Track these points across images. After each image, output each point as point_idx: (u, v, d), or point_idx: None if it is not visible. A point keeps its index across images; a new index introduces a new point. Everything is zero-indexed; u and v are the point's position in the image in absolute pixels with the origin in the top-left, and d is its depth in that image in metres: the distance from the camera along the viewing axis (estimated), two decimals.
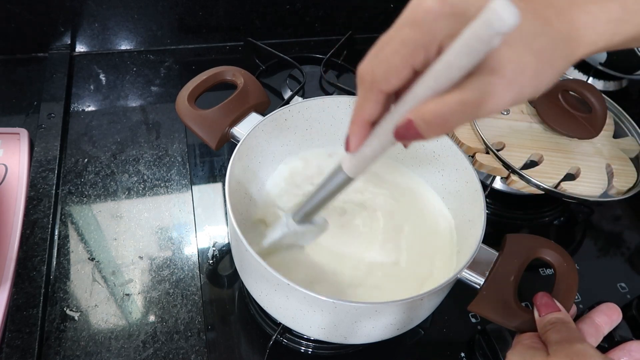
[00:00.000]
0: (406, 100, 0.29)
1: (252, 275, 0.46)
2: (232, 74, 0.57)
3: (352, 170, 0.37)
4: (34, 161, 0.62)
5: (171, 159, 0.67)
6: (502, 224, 0.66)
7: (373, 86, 0.29)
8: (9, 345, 0.48)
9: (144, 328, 0.52)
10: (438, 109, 0.27)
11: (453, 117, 0.27)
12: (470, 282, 0.44)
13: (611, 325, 0.40)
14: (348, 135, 0.33)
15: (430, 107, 0.27)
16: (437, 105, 0.27)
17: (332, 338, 0.46)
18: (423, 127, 0.28)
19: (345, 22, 0.86)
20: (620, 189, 0.59)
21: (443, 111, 0.27)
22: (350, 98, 0.56)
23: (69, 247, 0.57)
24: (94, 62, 0.78)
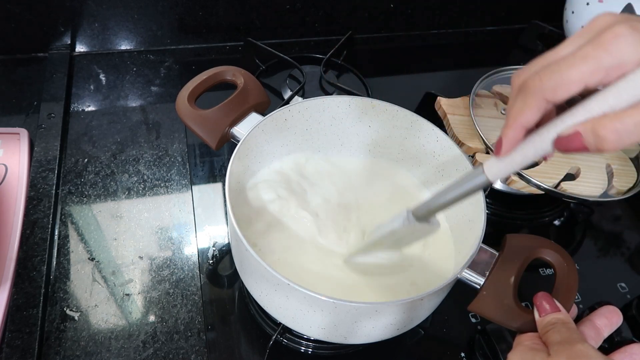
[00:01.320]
0: (575, 113, 0.30)
1: (252, 275, 0.46)
2: (232, 74, 0.57)
3: (494, 174, 0.36)
4: (34, 161, 0.62)
5: (171, 159, 0.67)
6: (502, 224, 0.66)
7: (539, 94, 0.30)
8: (9, 345, 0.48)
9: (144, 328, 0.52)
10: (614, 126, 0.28)
11: (627, 136, 0.28)
12: (470, 282, 0.44)
13: (611, 328, 0.40)
14: (500, 138, 0.33)
15: (604, 122, 0.28)
16: (613, 122, 0.28)
17: (332, 338, 0.46)
18: (591, 140, 0.28)
19: (345, 22, 0.86)
20: (620, 189, 0.59)
21: (618, 128, 0.27)
22: (351, 98, 0.56)
23: (69, 247, 0.57)
24: (94, 62, 0.78)
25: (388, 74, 0.85)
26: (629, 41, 0.27)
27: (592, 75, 0.28)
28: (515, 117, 0.32)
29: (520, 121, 0.32)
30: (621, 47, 0.27)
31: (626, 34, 0.27)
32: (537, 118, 0.32)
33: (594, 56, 0.28)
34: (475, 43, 0.92)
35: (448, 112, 0.64)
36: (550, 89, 0.30)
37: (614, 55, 0.27)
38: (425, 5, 0.88)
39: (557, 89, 0.29)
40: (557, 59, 0.30)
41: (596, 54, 0.28)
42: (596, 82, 0.28)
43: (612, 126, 0.28)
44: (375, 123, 0.58)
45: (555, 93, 0.30)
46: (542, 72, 0.30)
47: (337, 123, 0.58)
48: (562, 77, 0.29)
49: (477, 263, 0.44)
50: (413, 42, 0.91)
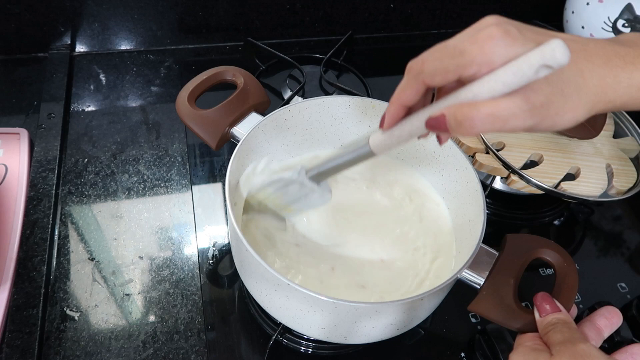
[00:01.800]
0: (448, 99, 0.33)
1: (252, 275, 0.46)
2: (232, 74, 0.57)
3: (377, 147, 0.39)
4: (34, 161, 0.62)
5: (171, 159, 0.67)
6: (502, 224, 0.66)
7: (419, 77, 0.34)
8: (9, 345, 0.48)
9: (144, 328, 0.52)
10: (470, 113, 0.31)
11: (480, 124, 0.31)
12: (470, 282, 0.44)
13: (612, 328, 0.40)
14: (383, 115, 0.37)
15: (464, 109, 0.31)
16: (471, 109, 0.31)
17: (332, 338, 0.46)
18: (452, 123, 0.32)
19: (345, 22, 0.86)
20: (620, 189, 0.59)
21: (473, 116, 0.31)
22: (351, 98, 0.56)
23: (69, 247, 0.57)
24: (94, 62, 0.78)
25: (388, 74, 0.85)
26: (499, 43, 0.30)
27: (465, 69, 0.31)
28: (397, 96, 0.36)
29: (400, 99, 0.36)
30: (492, 47, 0.30)
31: (498, 36, 0.30)
32: (415, 98, 0.35)
33: (469, 52, 0.31)
34: None
35: None
36: (428, 74, 0.33)
37: (485, 54, 0.30)
38: (425, 5, 0.88)
39: (435, 75, 0.33)
40: (442, 49, 0.33)
41: (471, 50, 0.31)
42: (469, 74, 0.31)
43: (469, 113, 0.31)
44: (375, 123, 0.58)
45: (432, 78, 0.33)
46: (425, 58, 0.34)
47: (337, 123, 0.58)
48: (441, 65, 0.33)
49: (477, 263, 0.44)
50: (413, 42, 0.91)
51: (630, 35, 0.37)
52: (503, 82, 0.30)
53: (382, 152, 0.39)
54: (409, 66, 0.35)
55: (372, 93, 0.76)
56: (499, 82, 0.30)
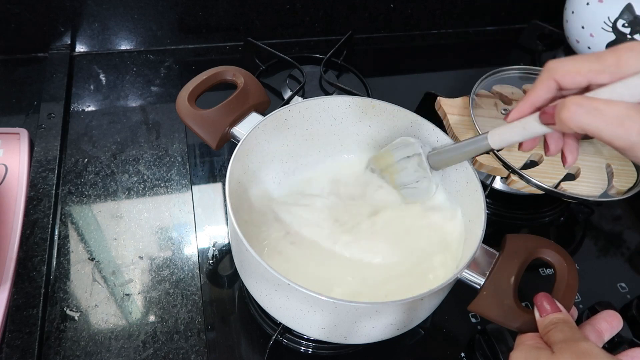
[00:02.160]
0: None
1: (252, 275, 0.46)
2: (232, 74, 0.57)
3: (495, 142, 0.41)
4: (34, 161, 0.62)
5: (171, 159, 0.67)
6: (502, 224, 0.66)
7: (551, 73, 0.35)
8: (9, 345, 0.48)
9: (144, 328, 0.52)
10: (580, 101, 0.31)
11: (584, 115, 0.30)
12: (470, 282, 0.44)
13: (612, 332, 0.40)
14: (511, 109, 0.39)
15: (576, 97, 0.31)
16: (583, 99, 0.31)
17: (332, 338, 0.46)
18: (561, 107, 0.32)
19: (345, 22, 0.86)
20: (620, 189, 0.59)
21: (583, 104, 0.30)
22: (351, 98, 0.56)
23: (69, 247, 0.57)
24: (94, 62, 0.78)
25: (388, 74, 0.85)
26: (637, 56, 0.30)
27: (598, 74, 0.31)
28: (529, 94, 0.37)
29: (530, 97, 0.36)
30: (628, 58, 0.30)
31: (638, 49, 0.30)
32: (545, 96, 0.35)
33: (605, 59, 0.31)
34: (475, 43, 0.92)
35: (448, 112, 0.64)
36: (560, 72, 0.34)
37: (620, 64, 0.30)
38: (425, 5, 0.88)
39: (566, 74, 0.33)
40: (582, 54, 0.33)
41: (607, 57, 0.31)
42: (600, 82, 0.31)
43: (577, 99, 0.31)
44: (375, 123, 0.58)
45: (563, 76, 0.34)
46: (561, 59, 0.34)
47: (337, 123, 0.58)
48: (574, 66, 0.33)
49: (477, 263, 0.45)
50: (413, 42, 0.91)
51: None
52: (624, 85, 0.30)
53: (500, 146, 0.41)
54: (546, 64, 0.36)
55: (372, 93, 0.76)
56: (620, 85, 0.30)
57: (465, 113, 0.64)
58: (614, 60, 0.31)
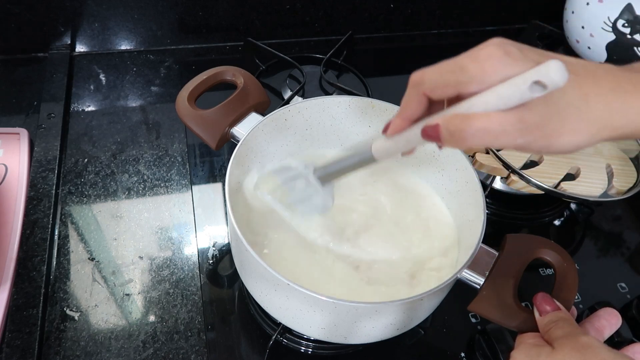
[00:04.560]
0: (445, 111, 0.34)
1: (252, 275, 0.46)
2: (232, 74, 0.57)
3: (378, 153, 0.40)
4: (34, 161, 0.62)
5: (171, 159, 0.67)
6: (502, 224, 0.66)
7: (419, 88, 0.35)
8: (9, 345, 0.48)
9: (144, 328, 0.52)
10: (462, 125, 0.31)
11: (471, 137, 0.31)
12: (470, 282, 0.44)
13: (611, 329, 0.40)
14: (389, 122, 0.38)
15: (456, 120, 0.32)
16: (463, 121, 0.31)
17: (332, 338, 0.46)
18: (444, 134, 0.32)
19: (345, 22, 0.86)
20: (620, 189, 0.59)
21: (464, 128, 0.31)
22: (351, 98, 0.56)
23: (69, 247, 0.57)
24: (94, 62, 0.78)
25: (388, 74, 0.85)
26: (499, 62, 0.31)
27: (465, 85, 0.32)
28: (401, 109, 0.36)
29: (404, 113, 0.36)
30: (491, 65, 0.31)
31: (498, 55, 0.31)
32: (418, 110, 0.36)
33: (469, 69, 0.32)
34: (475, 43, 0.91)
35: None
36: (428, 86, 0.34)
37: (484, 72, 0.31)
38: (425, 5, 0.88)
39: (434, 89, 0.34)
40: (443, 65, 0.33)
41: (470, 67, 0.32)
42: (469, 92, 0.32)
43: (461, 124, 0.31)
44: (375, 123, 0.58)
45: (432, 91, 0.34)
46: (426, 71, 0.34)
47: (337, 123, 0.58)
48: (440, 79, 0.33)
49: (477, 263, 0.44)
50: (413, 42, 0.91)
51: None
52: (498, 95, 0.30)
53: (383, 158, 0.40)
54: (411, 78, 0.35)
55: (372, 93, 0.76)
56: (494, 95, 0.30)
57: None
58: (478, 70, 0.31)
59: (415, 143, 0.37)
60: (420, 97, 0.35)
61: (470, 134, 0.31)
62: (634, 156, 0.64)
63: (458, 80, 0.32)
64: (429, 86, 0.34)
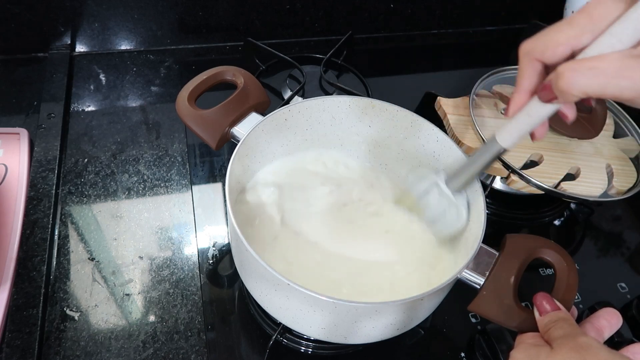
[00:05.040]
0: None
1: (252, 275, 0.46)
2: (232, 74, 0.57)
3: (505, 140, 0.39)
4: (34, 161, 0.62)
5: (171, 159, 0.67)
6: (502, 224, 0.66)
7: (530, 54, 0.33)
8: (9, 345, 0.48)
9: (144, 328, 0.52)
10: (571, 65, 0.29)
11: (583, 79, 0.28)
12: (470, 282, 0.44)
13: (611, 329, 0.40)
14: (508, 102, 0.36)
15: (568, 64, 0.29)
16: (577, 63, 0.29)
17: (332, 338, 0.46)
18: (557, 78, 0.30)
19: (345, 22, 0.86)
20: (620, 189, 0.59)
21: (577, 68, 0.29)
22: (351, 98, 0.56)
23: (69, 247, 0.57)
24: (94, 62, 0.78)
25: (388, 74, 0.85)
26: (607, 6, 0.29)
27: (577, 39, 0.30)
28: (518, 83, 0.35)
29: (522, 85, 0.34)
30: (600, 11, 0.29)
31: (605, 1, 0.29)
32: (536, 78, 0.34)
33: (577, 21, 0.30)
34: (475, 43, 0.92)
35: (448, 112, 0.64)
36: (539, 50, 0.32)
37: (594, 20, 0.29)
38: (425, 5, 0.88)
39: (546, 50, 0.32)
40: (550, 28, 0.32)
41: (579, 18, 0.30)
42: (582, 44, 0.30)
43: (572, 65, 0.29)
44: (375, 123, 0.58)
45: (543, 53, 0.32)
46: (533, 38, 0.33)
47: (337, 123, 0.58)
48: (550, 39, 0.32)
49: (477, 263, 0.44)
50: (413, 42, 0.91)
51: None
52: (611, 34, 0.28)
53: (512, 143, 0.39)
54: (520, 48, 0.34)
55: (372, 93, 0.76)
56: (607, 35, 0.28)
57: (465, 113, 0.64)
58: (587, 19, 0.30)
59: (536, 115, 0.35)
60: (533, 65, 0.33)
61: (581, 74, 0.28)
62: (634, 156, 0.64)
63: (569, 35, 0.30)
64: (540, 49, 0.32)
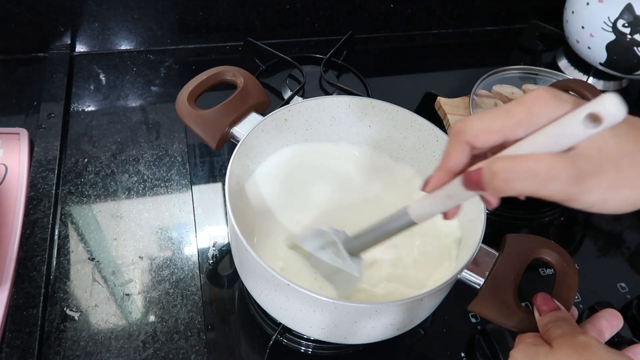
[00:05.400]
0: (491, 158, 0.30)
1: (252, 275, 0.46)
2: (232, 74, 0.57)
3: (417, 215, 0.38)
4: (34, 161, 0.62)
5: (171, 159, 0.67)
6: (502, 224, 0.66)
7: (461, 136, 0.32)
8: (9, 345, 0.48)
9: (144, 328, 0.52)
10: (508, 166, 0.28)
11: (516, 179, 0.28)
12: (470, 282, 0.44)
13: (612, 330, 0.40)
14: (429, 178, 0.35)
15: (501, 161, 0.29)
16: (509, 161, 0.28)
17: (332, 338, 0.46)
18: (487, 177, 0.29)
19: (345, 22, 0.86)
20: None
21: (510, 169, 0.28)
22: (351, 98, 0.56)
23: (69, 247, 0.57)
24: (94, 62, 0.78)
25: (388, 74, 0.85)
26: (547, 104, 0.29)
27: (513, 130, 0.30)
28: (444, 161, 0.34)
29: (446, 165, 0.34)
30: (539, 107, 0.29)
31: (546, 97, 0.29)
32: (462, 161, 0.33)
33: (515, 112, 0.30)
34: (475, 43, 0.92)
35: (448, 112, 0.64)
36: (471, 133, 0.31)
37: (532, 114, 0.29)
38: (425, 5, 0.88)
39: (478, 135, 0.31)
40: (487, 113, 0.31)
41: (517, 110, 0.30)
42: (515, 138, 0.30)
43: (505, 164, 0.28)
44: (375, 123, 0.58)
45: (475, 138, 0.31)
46: (468, 119, 0.32)
47: (337, 123, 0.58)
48: (484, 125, 0.31)
49: (477, 263, 0.44)
50: (413, 42, 0.91)
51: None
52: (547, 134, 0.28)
53: (423, 219, 0.38)
54: (453, 127, 0.33)
55: (372, 93, 0.76)
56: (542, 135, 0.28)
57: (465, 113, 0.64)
58: (525, 112, 0.29)
59: (457, 198, 0.34)
60: (462, 147, 0.32)
61: (515, 175, 0.28)
62: None
63: (503, 124, 0.30)
64: (472, 133, 0.31)
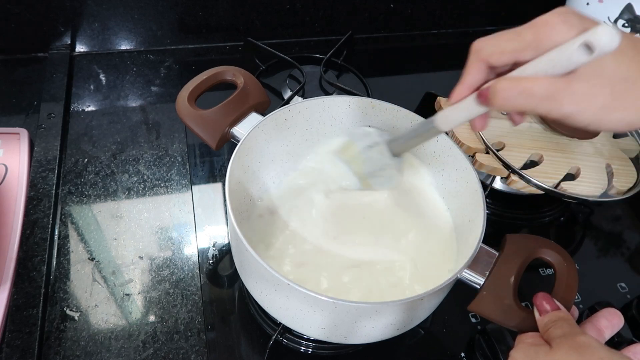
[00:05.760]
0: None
1: (252, 275, 0.46)
2: (232, 74, 0.57)
3: (441, 123, 0.42)
4: (34, 161, 0.62)
5: (171, 159, 0.67)
6: (502, 224, 0.66)
7: (478, 54, 0.36)
8: (9, 345, 0.48)
9: (144, 328, 0.52)
10: (508, 85, 0.32)
11: (513, 97, 0.31)
12: (470, 282, 0.44)
13: (612, 330, 0.40)
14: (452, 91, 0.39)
15: (504, 81, 0.32)
16: (510, 81, 0.32)
17: (332, 338, 0.46)
18: (492, 94, 0.33)
19: (345, 22, 0.86)
20: (620, 189, 0.59)
21: (509, 87, 0.32)
22: (351, 98, 0.56)
23: (69, 247, 0.57)
24: (94, 62, 0.78)
25: (388, 74, 0.85)
26: (554, 29, 0.31)
27: (521, 52, 0.33)
28: (463, 77, 0.37)
29: (465, 80, 0.37)
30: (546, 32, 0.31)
31: (554, 22, 0.31)
32: (479, 77, 0.36)
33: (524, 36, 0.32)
34: None
35: None
36: (486, 52, 0.35)
37: (538, 38, 0.31)
38: (425, 5, 0.88)
39: (493, 55, 0.34)
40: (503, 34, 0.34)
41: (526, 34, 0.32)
42: (525, 59, 0.32)
43: (507, 84, 0.32)
44: (375, 123, 0.58)
45: (490, 56, 0.35)
46: (485, 38, 0.35)
47: (337, 123, 0.58)
48: (498, 46, 0.34)
49: (477, 263, 0.44)
50: (413, 42, 0.91)
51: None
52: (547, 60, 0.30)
53: (446, 127, 0.42)
54: (472, 47, 0.36)
55: (372, 93, 0.76)
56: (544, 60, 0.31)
57: None
58: (533, 36, 0.32)
59: (473, 110, 0.38)
60: (479, 64, 0.36)
61: (514, 94, 0.31)
62: (634, 156, 0.64)
63: (514, 47, 0.32)
64: (488, 52, 0.34)
